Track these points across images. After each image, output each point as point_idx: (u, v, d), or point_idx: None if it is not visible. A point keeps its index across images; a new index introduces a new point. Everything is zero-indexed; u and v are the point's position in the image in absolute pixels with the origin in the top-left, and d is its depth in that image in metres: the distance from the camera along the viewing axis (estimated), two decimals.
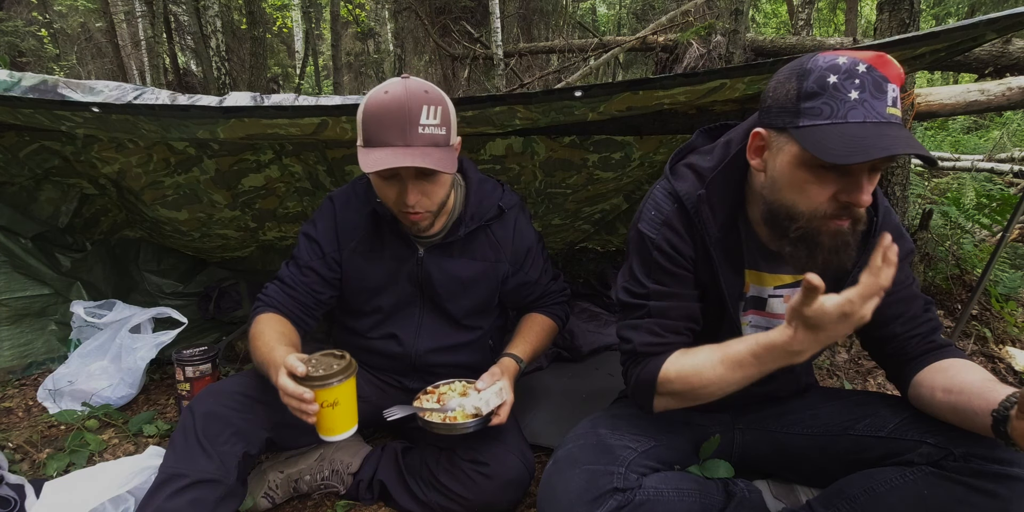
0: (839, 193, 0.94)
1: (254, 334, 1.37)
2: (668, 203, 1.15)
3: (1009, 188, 3.71)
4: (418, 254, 1.47)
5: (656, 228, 1.14)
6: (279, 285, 1.50)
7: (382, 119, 1.19)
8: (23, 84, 1.54)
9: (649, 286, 1.15)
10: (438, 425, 1.31)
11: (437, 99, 1.23)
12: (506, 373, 1.40)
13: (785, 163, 0.96)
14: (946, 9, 10.51)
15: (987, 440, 0.98)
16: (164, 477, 1.23)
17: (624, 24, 12.00)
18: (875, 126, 0.88)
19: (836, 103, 0.89)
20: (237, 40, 8.94)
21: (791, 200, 0.98)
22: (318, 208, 1.52)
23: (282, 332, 1.37)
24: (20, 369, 2.24)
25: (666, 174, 1.18)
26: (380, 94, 1.21)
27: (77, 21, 12.15)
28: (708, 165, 1.12)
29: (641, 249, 1.17)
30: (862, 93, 0.88)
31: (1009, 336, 2.35)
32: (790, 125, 0.93)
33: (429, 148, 1.21)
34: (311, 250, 1.48)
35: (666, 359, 1.11)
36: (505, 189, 1.55)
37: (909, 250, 1.16)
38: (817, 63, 0.91)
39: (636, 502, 1.08)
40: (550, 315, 1.62)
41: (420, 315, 1.55)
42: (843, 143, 0.86)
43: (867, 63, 0.88)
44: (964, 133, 7.47)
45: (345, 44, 12.66)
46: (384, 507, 1.52)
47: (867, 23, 13.33)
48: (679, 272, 1.14)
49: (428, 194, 1.29)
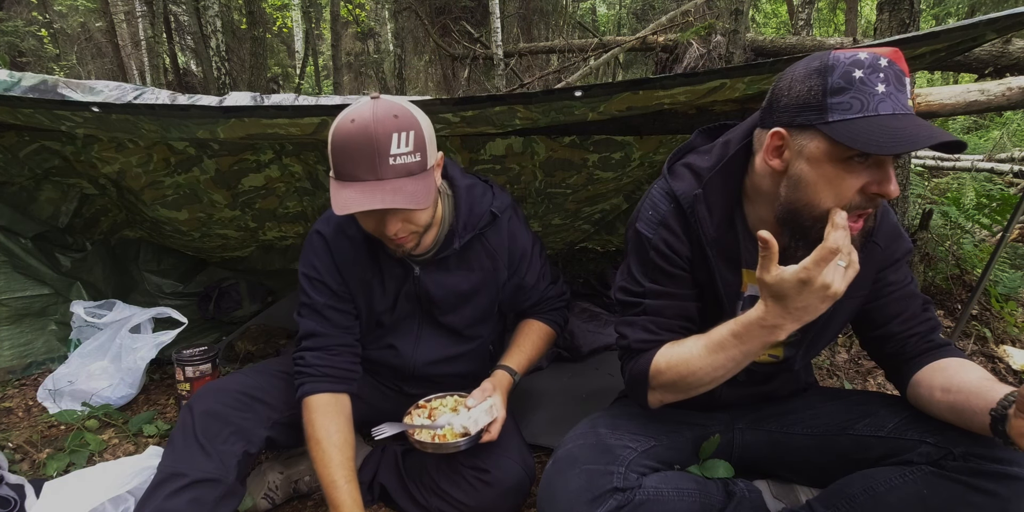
0: (869, 185, 0.94)
1: (312, 438, 1.32)
2: (665, 203, 1.15)
3: (1009, 188, 3.71)
4: (414, 273, 1.42)
5: (653, 228, 1.15)
6: (312, 343, 1.41)
7: (350, 152, 1.12)
8: (23, 84, 1.54)
9: (646, 285, 1.16)
10: (427, 444, 1.31)
11: (408, 123, 1.14)
12: (498, 388, 1.39)
13: (813, 160, 0.95)
14: (946, 9, 10.50)
15: (986, 439, 0.98)
16: (163, 476, 1.22)
17: (624, 24, 12.01)
18: (906, 117, 0.90)
19: (865, 97, 0.89)
20: (237, 40, 8.93)
21: (818, 197, 0.96)
22: (308, 245, 1.44)
23: (340, 445, 1.32)
24: (20, 369, 2.24)
25: (664, 174, 1.18)
26: (347, 123, 1.13)
27: (77, 21, 12.15)
28: (706, 165, 1.12)
29: (638, 249, 1.17)
30: (888, 86, 0.89)
31: (1009, 336, 2.35)
32: (817, 121, 0.92)
33: (402, 180, 1.13)
34: (320, 291, 1.41)
35: (656, 352, 1.13)
36: (495, 190, 1.47)
37: (907, 249, 1.16)
38: (839, 59, 0.91)
39: (636, 502, 1.08)
40: (547, 322, 1.59)
41: (419, 328, 1.52)
42: (884, 134, 0.87)
43: (887, 57, 0.90)
44: (964, 133, 7.46)
45: (345, 44, 12.66)
46: (384, 508, 1.52)
47: (867, 23, 13.32)
48: (675, 272, 1.15)
49: (409, 220, 1.22)
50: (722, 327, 1.04)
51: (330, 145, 1.16)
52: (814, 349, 1.26)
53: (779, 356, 1.24)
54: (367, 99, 1.18)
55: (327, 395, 1.37)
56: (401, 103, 1.18)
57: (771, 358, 1.24)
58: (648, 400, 1.15)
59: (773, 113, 0.99)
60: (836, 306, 1.13)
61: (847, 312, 1.18)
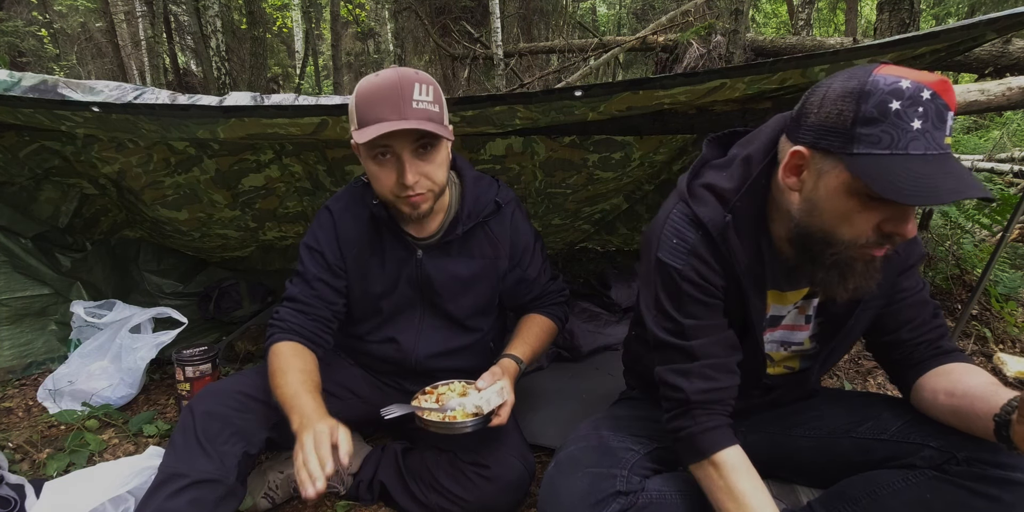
0: (884, 223, 0.89)
1: (274, 371, 1.31)
2: (691, 231, 1.07)
3: (1009, 188, 3.71)
4: (417, 256, 1.46)
5: (682, 258, 1.06)
6: (291, 306, 1.44)
7: (374, 98, 1.19)
8: (23, 84, 1.54)
9: (683, 321, 1.08)
10: (437, 424, 1.28)
11: (428, 80, 1.23)
12: (506, 373, 1.38)
13: (831, 189, 0.89)
14: (946, 9, 10.50)
15: (990, 444, 0.97)
16: (164, 477, 1.22)
17: (624, 24, 12.01)
18: (936, 160, 0.83)
19: (898, 132, 0.82)
20: (237, 40, 8.94)
21: (832, 227, 0.92)
22: (315, 219, 1.49)
23: (303, 369, 1.31)
24: (20, 369, 2.24)
25: (683, 196, 1.09)
26: (371, 78, 1.22)
27: (77, 21, 12.16)
28: (730, 186, 1.04)
29: (666, 281, 1.08)
30: (925, 123, 0.82)
31: (1009, 336, 2.35)
32: (842, 151, 0.86)
33: (424, 121, 1.19)
34: (316, 262, 1.45)
35: (728, 449, 1.06)
36: (500, 185, 1.52)
37: (921, 255, 1.13)
38: (878, 85, 0.83)
39: (639, 505, 1.07)
40: (549, 316, 1.60)
41: (420, 319, 1.53)
42: (908, 180, 0.81)
43: (932, 89, 0.82)
44: (964, 133, 7.46)
45: (345, 44, 12.67)
46: (384, 507, 1.52)
47: (867, 23, 13.32)
48: (711, 301, 1.08)
49: (427, 174, 1.26)
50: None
51: (355, 99, 1.22)
52: (831, 361, 1.24)
53: (795, 368, 1.22)
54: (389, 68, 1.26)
55: (294, 343, 1.39)
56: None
57: (786, 369, 1.23)
58: (690, 466, 1.10)
59: (799, 128, 0.92)
60: (857, 317, 1.11)
61: (865, 322, 1.15)
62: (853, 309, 1.09)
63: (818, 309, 1.15)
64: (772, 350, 1.19)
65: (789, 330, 1.17)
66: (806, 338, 1.18)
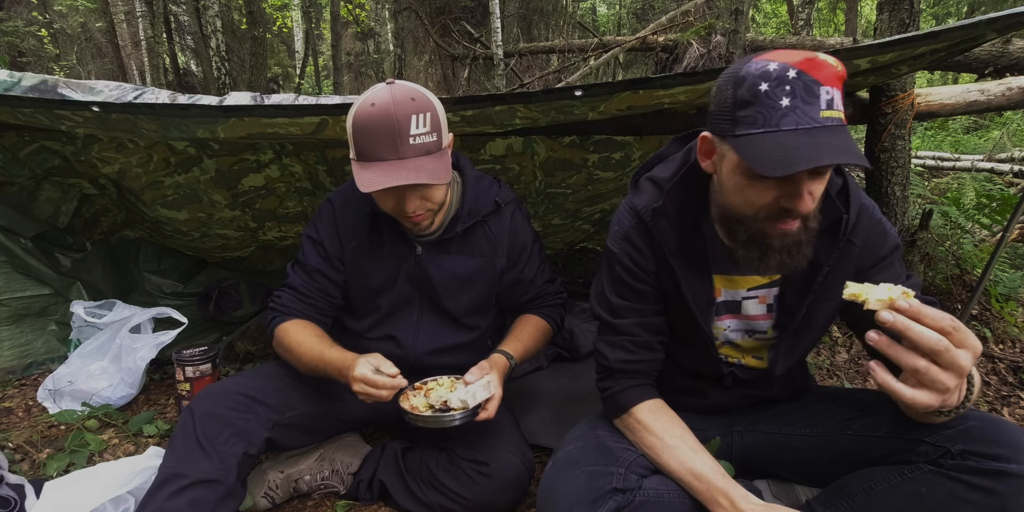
0: (780, 198, 0.94)
1: (290, 343, 1.39)
2: (628, 218, 1.18)
3: (1009, 188, 3.71)
4: (416, 252, 1.48)
5: (618, 244, 1.18)
6: (291, 293, 1.48)
7: (372, 134, 1.20)
8: (23, 84, 1.54)
9: (613, 300, 1.19)
10: (424, 418, 1.29)
11: (424, 105, 1.23)
12: (495, 368, 1.39)
13: (728, 169, 0.98)
14: (946, 9, 10.51)
15: (985, 437, 0.98)
16: (164, 477, 1.23)
17: (624, 24, 12.01)
18: (807, 133, 0.88)
19: (768, 111, 0.89)
20: (237, 40, 8.95)
21: (735, 204, 1.00)
22: (317, 211, 1.52)
23: (317, 334, 1.40)
24: (20, 369, 2.24)
25: (629, 188, 1.20)
26: (367, 107, 1.21)
27: (77, 21, 12.16)
28: (666, 175, 1.14)
29: (608, 264, 1.21)
30: (793, 99, 0.88)
31: (1009, 336, 2.35)
32: (728, 133, 0.94)
33: (421, 159, 1.21)
34: (315, 253, 1.49)
35: (645, 402, 1.17)
36: (501, 185, 1.55)
37: (893, 246, 1.14)
38: (750, 70, 0.90)
39: (636, 503, 1.08)
40: (544, 317, 1.61)
41: (419, 315, 1.55)
42: (779, 153, 0.87)
43: (797, 68, 0.88)
44: (964, 133, 7.47)
45: (345, 44, 12.67)
46: (384, 507, 1.52)
47: (867, 23, 13.33)
48: (640, 287, 1.18)
49: (426, 198, 1.31)
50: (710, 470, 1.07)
51: (351, 129, 1.24)
52: (795, 352, 1.24)
53: (764, 357, 1.24)
54: (383, 85, 1.26)
55: (298, 319, 1.45)
56: (415, 87, 1.26)
57: (755, 359, 1.24)
58: (615, 422, 1.22)
59: (709, 116, 1.01)
60: (814, 309, 1.14)
61: (826, 315, 1.18)
62: (804, 299, 1.12)
63: (776, 299, 1.18)
64: (737, 338, 1.23)
65: (751, 319, 1.21)
66: (768, 327, 1.21)
